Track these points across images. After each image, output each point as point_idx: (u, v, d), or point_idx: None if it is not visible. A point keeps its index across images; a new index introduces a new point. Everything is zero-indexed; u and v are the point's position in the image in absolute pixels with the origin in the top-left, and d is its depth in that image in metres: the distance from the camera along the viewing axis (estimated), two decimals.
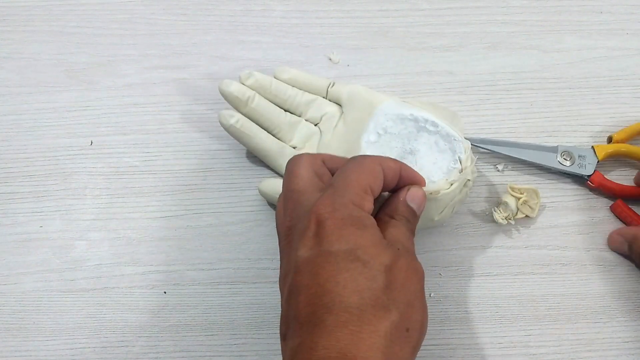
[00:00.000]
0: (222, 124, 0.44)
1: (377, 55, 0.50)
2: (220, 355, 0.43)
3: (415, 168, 0.40)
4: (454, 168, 0.41)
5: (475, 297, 0.44)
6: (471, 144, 0.42)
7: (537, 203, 0.44)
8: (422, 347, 0.42)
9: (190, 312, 0.44)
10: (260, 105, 0.44)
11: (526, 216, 0.44)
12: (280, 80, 0.46)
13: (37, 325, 0.44)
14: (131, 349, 0.44)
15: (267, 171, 0.47)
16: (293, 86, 0.46)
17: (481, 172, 0.47)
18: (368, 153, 0.42)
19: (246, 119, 0.45)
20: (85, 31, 0.51)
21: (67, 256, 0.46)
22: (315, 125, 0.46)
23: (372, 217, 0.32)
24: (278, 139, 0.45)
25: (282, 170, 0.44)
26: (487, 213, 0.45)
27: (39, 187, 0.47)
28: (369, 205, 0.32)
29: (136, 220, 0.46)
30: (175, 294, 0.45)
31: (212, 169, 0.48)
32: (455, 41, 0.51)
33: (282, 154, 0.45)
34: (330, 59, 0.50)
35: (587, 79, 0.50)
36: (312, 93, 0.46)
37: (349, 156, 0.38)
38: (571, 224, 0.46)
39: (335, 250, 0.29)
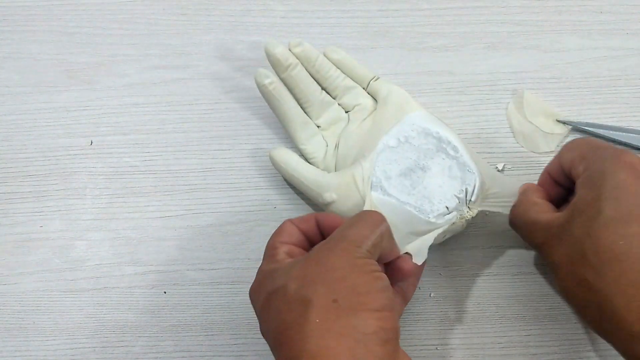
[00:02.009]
0: (256, 82, 0.43)
1: (377, 55, 0.50)
2: (220, 355, 0.43)
3: (421, 185, 0.40)
4: (457, 197, 0.41)
5: (475, 297, 0.44)
6: (577, 127, 0.44)
7: None
8: (422, 347, 0.43)
9: (190, 312, 0.44)
10: (300, 75, 0.44)
11: None
12: (330, 59, 0.45)
13: (37, 325, 0.44)
14: (131, 349, 0.44)
15: (267, 171, 0.47)
16: (338, 68, 0.45)
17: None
18: (382, 155, 0.41)
19: (280, 83, 0.44)
20: (85, 31, 0.51)
21: (67, 256, 0.46)
22: (346, 112, 0.46)
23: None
24: (306, 113, 0.45)
25: (300, 143, 0.45)
26: (486, 213, 0.45)
27: (39, 187, 0.47)
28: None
29: (136, 220, 0.46)
30: (175, 294, 0.45)
31: (212, 169, 0.48)
32: (455, 41, 0.51)
33: (304, 128, 0.45)
34: None
35: (587, 79, 0.50)
36: (354, 80, 0.46)
37: (364, 152, 0.41)
38: None
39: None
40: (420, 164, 0.41)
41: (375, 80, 0.45)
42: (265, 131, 0.48)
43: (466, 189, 0.41)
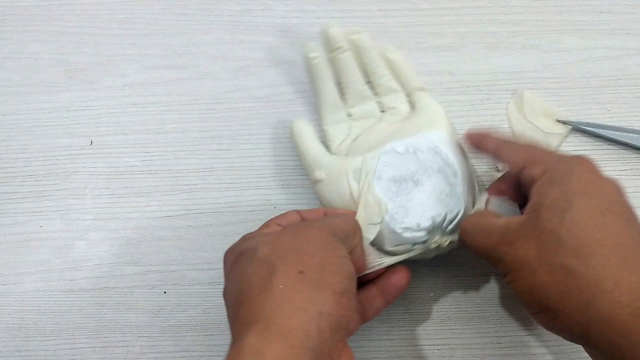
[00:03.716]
0: (303, 53, 0.44)
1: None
2: (220, 355, 0.43)
3: (406, 196, 0.40)
4: (433, 219, 0.39)
5: (475, 297, 0.44)
6: (577, 127, 0.44)
7: None
8: (422, 347, 0.43)
9: (190, 312, 0.44)
10: (347, 61, 0.45)
11: None
12: (385, 57, 0.46)
13: (37, 325, 0.44)
14: (131, 349, 0.44)
15: (267, 171, 0.47)
16: (390, 68, 0.46)
17: (481, 172, 0.47)
18: (385, 156, 0.41)
19: (325, 62, 0.44)
20: (85, 31, 0.51)
21: (67, 256, 0.46)
22: (381, 112, 0.46)
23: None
24: (344, 100, 0.45)
25: (325, 123, 0.45)
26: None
27: (39, 187, 0.47)
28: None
29: (136, 220, 0.46)
30: (175, 294, 0.45)
31: (212, 169, 0.48)
32: (455, 41, 0.51)
33: (334, 111, 0.45)
34: None
35: (587, 79, 0.50)
36: (401, 84, 0.46)
37: (372, 149, 0.41)
38: None
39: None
40: (415, 178, 0.40)
41: (421, 90, 0.45)
42: (266, 131, 0.48)
43: (446, 214, 0.39)
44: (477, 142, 0.40)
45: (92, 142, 0.48)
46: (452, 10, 0.52)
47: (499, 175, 0.47)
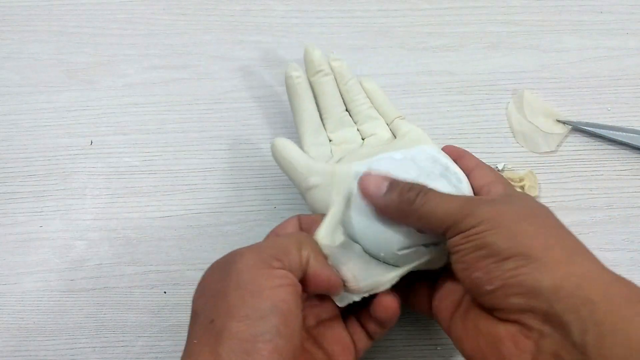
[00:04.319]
0: (285, 73, 0.43)
1: (377, 55, 0.50)
2: None
3: None
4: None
5: None
6: (577, 127, 0.45)
7: (536, 181, 0.46)
8: (422, 347, 0.43)
9: (190, 312, 0.44)
10: (328, 85, 0.44)
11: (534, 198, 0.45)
12: (362, 86, 0.45)
13: (37, 325, 0.44)
14: (131, 349, 0.44)
15: (267, 171, 0.47)
16: (368, 97, 0.45)
17: None
18: (381, 162, 0.38)
19: (306, 82, 0.44)
20: (85, 31, 0.52)
21: (67, 256, 0.46)
22: (363, 139, 0.44)
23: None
24: (323, 124, 0.44)
25: (305, 145, 0.43)
26: None
27: (39, 187, 0.47)
28: None
29: (136, 220, 0.46)
30: (175, 294, 0.45)
31: (212, 169, 0.48)
32: (455, 41, 0.51)
33: (315, 134, 0.43)
34: None
35: (587, 79, 0.50)
36: (379, 113, 0.44)
37: (368, 157, 0.39)
38: (571, 223, 0.46)
39: None
40: (419, 182, 0.35)
41: (401, 119, 0.44)
42: (266, 131, 0.48)
43: None
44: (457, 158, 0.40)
45: (92, 142, 0.48)
46: (452, 10, 0.52)
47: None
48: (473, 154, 0.41)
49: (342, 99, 0.44)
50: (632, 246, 0.46)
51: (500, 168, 0.47)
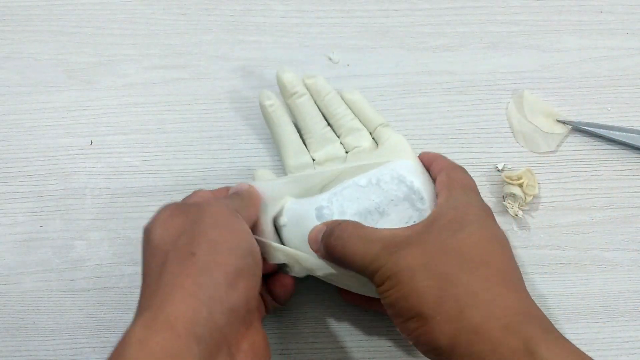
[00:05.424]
0: (259, 101, 0.44)
1: (377, 55, 0.50)
2: None
3: (371, 225, 0.38)
4: None
5: None
6: (577, 127, 0.45)
7: (534, 179, 0.46)
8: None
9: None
10: (305, 105, 0.44)
11: (533, 197, 0.45)
12: (344, 98, 0.44)
13: (37, 325, 0.44)
14: None
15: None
16: (350, 108, 0.44)
17: (481, 172, 0.47)
18: (347, 191, 0.40)
19: (282, 107, 0.44)
20: (85, 31, 0.52)
21: (67, 256, 0.46)
22: (346, 152, 0.44)
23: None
24: (306, 144, 0.44)
25: (288, 169, 0.44)
26: None
27: (39, 187, 0.47)
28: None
29: (136, 220, 0.46)
30: None
31: (212, 169, 0.48)
32: (455, 41, 0.51)
33: (297, 157, 0.44)
34: (330, 59, 0.50)
35: (587, 79, 0.50)
36: (363, 123, 0.44)
37: (333, 185, 0.41)
38: (571, 223, 0.46)
39: None
40: (381, 209, 0.39)
41: (384, 126, 0.43)
42: (266, 131, 0.48)
43: None
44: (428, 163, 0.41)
45: (92, 142, 0.48)
46: (452, 10, 0.52)
47: (499, 175, 0.47)
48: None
49: (323, 114, 0.44)
50: (632, 246, 0.46)
51: (500, 168, 0.47)
